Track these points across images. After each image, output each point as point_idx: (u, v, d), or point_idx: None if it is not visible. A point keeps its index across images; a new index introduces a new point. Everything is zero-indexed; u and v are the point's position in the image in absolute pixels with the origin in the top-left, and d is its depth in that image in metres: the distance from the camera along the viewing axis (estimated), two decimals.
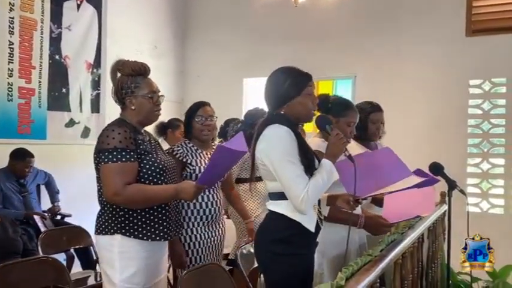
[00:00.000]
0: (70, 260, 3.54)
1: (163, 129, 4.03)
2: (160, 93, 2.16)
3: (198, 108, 2.70)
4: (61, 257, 3.26)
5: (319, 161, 1.88)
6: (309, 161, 1.82)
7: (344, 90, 5.81)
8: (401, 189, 2.02)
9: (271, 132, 1.83)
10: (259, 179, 2.12)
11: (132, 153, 2.00)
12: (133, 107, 2.10)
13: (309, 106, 1.90)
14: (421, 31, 5.08)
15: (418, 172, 2.26)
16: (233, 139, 2.06)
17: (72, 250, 3.50)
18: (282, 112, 1.89)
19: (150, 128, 4.10)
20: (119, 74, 2.16)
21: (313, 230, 1.85)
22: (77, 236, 3.31)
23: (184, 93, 6.32)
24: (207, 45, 6.28)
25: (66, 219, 4.25)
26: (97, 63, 5.16)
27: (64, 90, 4.83)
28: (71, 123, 4.90)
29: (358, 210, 2.35)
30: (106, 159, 1.97)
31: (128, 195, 1.96)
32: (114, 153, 1.96)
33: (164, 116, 4.16)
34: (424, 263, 2.68)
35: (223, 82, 6.04)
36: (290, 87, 1.88)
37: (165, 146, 3.20)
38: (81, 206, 4.28)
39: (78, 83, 4.96)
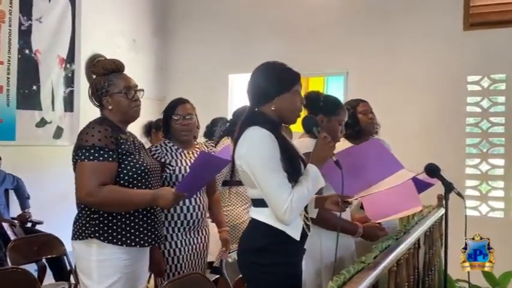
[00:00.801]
0: (42, 271, 3.49)
1: (149, 128, 4.04)
2: (138, 88, 2.19)
3: (175, 106, 2.68)
4: (32, 268, 3.22)
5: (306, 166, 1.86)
6: (293, 167, 1.80)
7: (336, 87, 5.84)
8: (394, 186, 2.05)
9: (250, 136, 1.80)
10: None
11: (111, 153, 2.02)
12: (110, 107, 2.13)
13: (297, 105, 1.89)
14: (416, 25, 5.13)
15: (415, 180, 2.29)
16: (224, 148, 2.08)
17: (44, 260, 3.46)
18: (266, 110, 1.87)
19: (137, 128, 4.10)
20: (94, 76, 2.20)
21: (298, 238, 1.83)
22: (49, 244, 3.28)
23: (166, 90, 6.29)
24: (190, 39, 6.26)
25: (38, 227, 4.20)
26: (70, 58, 5.11)
27: (35, 87, 4.78)
28: (42, 122, 4.85)
29: (347, 213, 2.37)
30: (82, 157, 2.00)
31: (101, 197, 1.98)
32: (92, 151, 1.99)
33: (144, 115, 4.17)
34: (420, 270, 2.71)
35: (207, 78, 6.03)
36: (280, 82, 1.86)
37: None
38: (53, 213, 4.24)
39: (50, 80, 4.91)
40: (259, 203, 1.83)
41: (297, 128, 4.30)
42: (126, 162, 2.07)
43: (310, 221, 1.94)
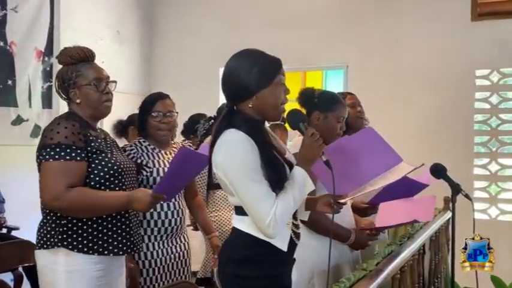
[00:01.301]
0: (18, 281, 3.47)
1: (123, 128, 3.97)
2: (110, 80, 2.12)
3: (155, 101, 2.58)
4: (8, 277, 3.20)
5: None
6: (275, 174, 1.72)
7: (335, 82, 5.87)
8: (391, 183, 2.01)
9: (225, 142, 1.72)
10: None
11: (79, 151, 1.96)
12: (78, 100, 2.07)
13: (281, 97, 1.78)
14: (420, 15, 5.15)
15: (405, 179, 2.28)
16: (202, 147, 2.04)
17: (20, 269, 3.44)
18: (244, 108, 1.77)
19: (106, 129, 4.07)
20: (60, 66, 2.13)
21: (285, 248, 1.77)
22: (26, 252, 3.25)
23: (151, 84, 6.26)
24: (177, 29, 6.24)
25: (13, 233, 4.18)
26: (49, 50, 5.08)
27: (10, 82, 4.75)
28: (19, 120, 4.82)
29: (350, 217, 2.37)
30: (47, 156, 1.94)
31: (69, 200, 1.91)
32: (57, 149, 1.93)
33: (128, 111, 4.16)
34: (425, 278, 2.72)
35: (196, 72, 6.01)
36: (257, 76, 1.74)
37: None
38: (30, 218, 4.19)
39: (26, 74, 4.88)
40: (240, 210, 1.78)
41: None
42: (96, 161, 2.00)
43: (299, 229, 1.88)
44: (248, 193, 1.69)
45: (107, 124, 3.96)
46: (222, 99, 6.78)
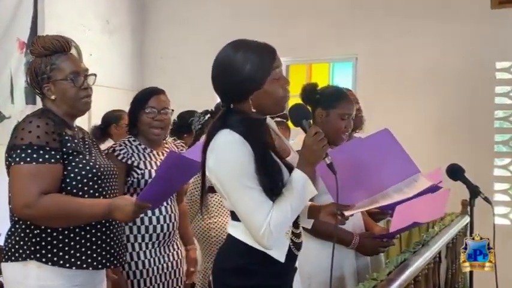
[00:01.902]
0: None
1: (103, 131, 3.89)
2: (89, 73, 2.05)
3: (149, 96, 2.56)
4: None
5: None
6: (271, 179, 1.68)
7: (343, 75, 5.85)
8: (405, 199, 1.99)
9: (219, 144, 1.69)
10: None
11: (53, 153, 1.88)
12: (53, 97, 1.99)
13: (279, 93, 1.75)
14: (434, 4, 5.13)
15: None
16: (192, 148, 1.99)
17: (1, 279, 3.44)
18: (243, 106, 1.75)
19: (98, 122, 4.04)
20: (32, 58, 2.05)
21: (282, 259, 1.75)
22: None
23: (143, 79, 6.26)
24: (172, 19, 6.24)
25: None
26: None
27: None
28: (0, 118, 4.82)
29: (358, 215, 2.35)
30: (17, 159, 1.86)
31: (42, 209, 1.83)
32: (29, 151, 1.85)
33: (117, 108, 4.14)
34: None
35: (191, 65, 6.01)
36: (252, 74, 1.71)
37: None
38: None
39: (8, 67, 4.88)
40: (234, 215, 1.76)
41: None
42: (73, 163, 1.93)
43: (300, 238, 1.85)
44: (241, 201, 1.67)
45: (95, 123, 3.95)
46: None
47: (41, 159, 1.86)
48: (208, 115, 3.60)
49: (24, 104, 5.01)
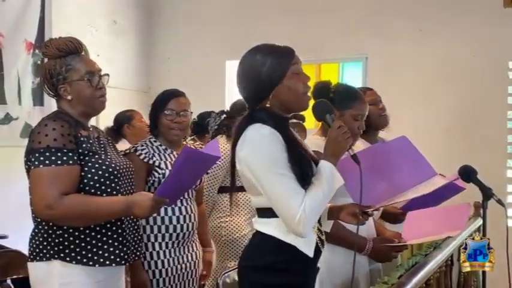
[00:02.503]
0: None
1: (116, 131, 3.97)
2: (103, 73, 2.13)
3: (168, 99, 2.65)
4: None
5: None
6: (302, 169, 1.77)
7: (353, 75, 5.84)
8: (422, 195, 2.01)
9: (251, 136, 1.79)
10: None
11: (70, 155, 1.96)
12: (69, 97, 2.07)
13: (300, 89, 1.86)
14: (446, 2, 5.11)
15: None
16: (207, 145, 2.06)
17: (9, 281, 3.47)
18: (267, 105, 1.86)
19: (109, 123, 4.07)
20: (45, 60, 2.12)
21: (311, 254, 1.83)
22: (15, 262, 3.28)
23: (151, 79, 6.28)
24: (179, 19, 6.25)
25: (1, 242, 4.20)
26: (40, 42, 5.10)
27: None
28: (7, 119, 4.85)
29: (370, 223, 2.36)
30: (36, 162, 1.93)
31: (64, 209, 1.91)
32: (47, 153, 1.93)
33: (125, 109, 4.16)
34: None
35: (200, 66, 6.02)
36: (270, 71, 1.82)
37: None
38: (20, 225, 4.21)
39: (15, 68, 4.91)
40: (265, 212, 1.82)
41: (310, 125, 4.30)
42: (89, 163, 2.01)
43: (324, 235, 1.93)
44: (276, 188, 1.73)
45: (103, 124, 3.98)
46: (229, 95, 6.80)
47: (59, 162, 1.93)
48: (224, 115, 3.65)
49: (31, 105, 5.04)
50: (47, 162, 1.92)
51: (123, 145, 3.67)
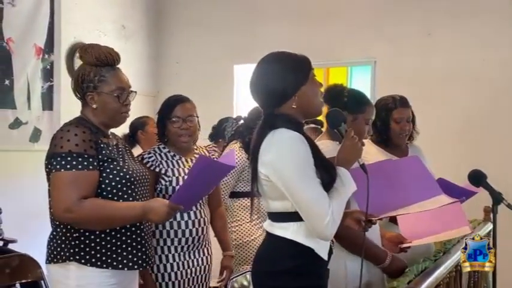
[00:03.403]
0: None
1: (131, 138, 4.02)
2: (131, 89, 2.18)
3: (173, 106, 2.66)
4: None
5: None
6: (328, 173, 1.82)
7: (361, 79, 5.84)
8: (425, 210, 2.05)
9: (279, 140, 1.81)
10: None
11: (91, 160, 2.01)
12: (94, 106, 2.12)
13: (318, 95, 1.92)
14: (455, 5, 5.09)
15: (441, 182, 2.29)
16: (224, 154, 2.08)
17: (18, 285, 3.48)
18: (286, 110, 1.87)
19: (123, 129, 4.10)
20: (78, 62, 2.18)
21: (326, 257, 1.87)
22: (24, 267, 3.29)
23: (159, 84, 6.31)
24: (188, 24, 6.27)
25: (10, 246, 4.22)
26: (49, 47, 5.14)
27: (7, 82, 4.81)
28: (17, 123, 4.88)
29: (375, 228, 2.36)
30: (58, 166, 1.98)
31: (82, 213, 1.97)
32: (69, 158, 1.98)
33: (133, 114, 4.18)
34: None
35: (209, 70, 6.04)
36: (294, 74, 1.86)
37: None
38: (29, 229, 4.26)
39: (25, 73, 4.94)
40: (284, 217, 1.85)
41: None
42: (107, 170, 2.06)
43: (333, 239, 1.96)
44: (305, 192, 1.76)
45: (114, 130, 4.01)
46: (237, 99, 6.80)
47: (80, 166, 1.98)
48: (242, 121, 3.66)
49: (41, 110, 5.06)
50: (68, 166, 1.97)
51: (136, 151, 3.70)
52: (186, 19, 6.30)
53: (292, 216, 1.81)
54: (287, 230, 1.84)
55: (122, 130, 4.06)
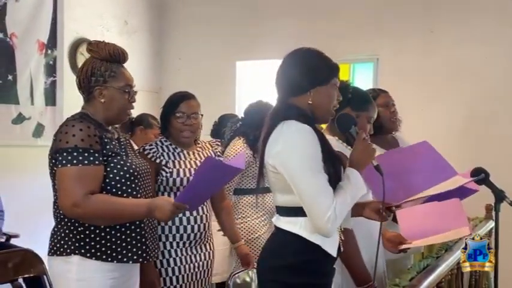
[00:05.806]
0: None
1: (131, 125, 4.04)
2: (134, 87, 2.21)
3: (179, 101, 2.69)
4: None
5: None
6: (335, 169, 1.82)
7: (364, 76, 5.81)
8: (442, 192, 2.07)
9: (289, 131, 1.81)
10: (267, 189, 2.10)
11: (96, 155, 2.02)
12: (102, 100, 2.12)
13: (334, 101, 1.92)
14: (458, 2, 5.07)
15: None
16: (234, 158, 2.07)
17: (20, 280, 3.48)
18: (300, 103, 1.88)
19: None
20: (80, 57, 2.19)
21: (335, 254, 1.87)
22: (27, 262, 3.29)
23: (161, 80, 6.31)
24: (190, 20, 6.26)
25: (13, 241, 4.23)
26: (52, 42, 5.14)
27: (10, 77, 4.81)
28: (20, 119, 4.88)
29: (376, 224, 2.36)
30: (64, 161, 1.99)
31: (89, 208, 1.98)
32: (75, 153, 1.98)
33: (136, 109, 4.18)
34: None
35: (211, 66, 6.03)
36: (318, 71, 1.88)
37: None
38: (32, 224, 4.27)
39: (28, 68, 4.94)
40: (291, 211, 1.84)
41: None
42: (112, 164, 2.07)
43: (342, 236, 1.95)
44: (309, 184, 1.75)
45: None
46: (239, 95, 6.77)
47: (86, 161, 1.99)
48: (240, 123, 3.66)
49: (44, 105, 5.06)
50: (75, 161, 1.98)
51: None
52: (189, 15, 6.28)
53: (300, 211, 1.80)
54: (294, 225, 1.84)
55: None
